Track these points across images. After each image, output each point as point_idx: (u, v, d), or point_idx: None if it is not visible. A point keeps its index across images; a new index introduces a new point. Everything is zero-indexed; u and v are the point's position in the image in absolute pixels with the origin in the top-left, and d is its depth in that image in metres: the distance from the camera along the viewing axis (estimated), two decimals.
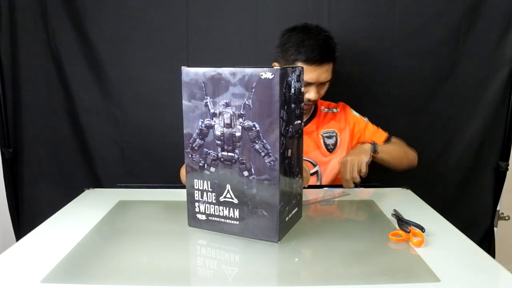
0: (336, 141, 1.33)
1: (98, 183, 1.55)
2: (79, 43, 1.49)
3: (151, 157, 1.56)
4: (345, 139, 1.33)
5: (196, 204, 0.85)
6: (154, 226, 0.93)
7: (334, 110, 1.37)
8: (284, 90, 0.75)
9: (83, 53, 1.49)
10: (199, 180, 0.84)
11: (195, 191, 0.85)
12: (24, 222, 1.60)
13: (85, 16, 1.47)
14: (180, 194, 1.07)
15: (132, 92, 1.52)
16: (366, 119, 1.36)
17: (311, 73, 1.19)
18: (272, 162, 0.76)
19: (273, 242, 0.79)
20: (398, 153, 1.29)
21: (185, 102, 0.82)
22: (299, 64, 1.19)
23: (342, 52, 1.22)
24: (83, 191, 1.14)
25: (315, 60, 1.18)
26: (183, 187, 0.87)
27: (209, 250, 0.81)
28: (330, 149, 1.32)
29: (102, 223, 0.92)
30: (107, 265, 0.74)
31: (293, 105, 0.80)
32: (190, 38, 1.47)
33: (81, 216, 0.95)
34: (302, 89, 0.84)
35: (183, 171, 1.25)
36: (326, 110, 1.37)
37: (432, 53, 1.47)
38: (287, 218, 0.82)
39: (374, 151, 1.21)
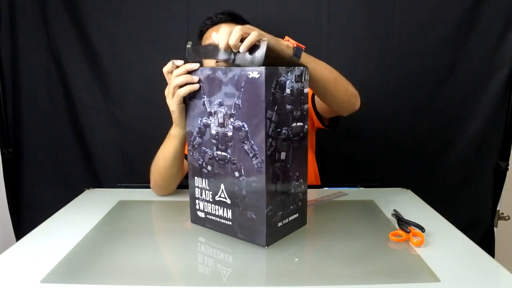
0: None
1: (98, 183, 1.55)
2: (79, 43, 1.48)
3: (151, 157, 1.56)
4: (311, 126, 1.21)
5: (197, 201, 0.86)
6: (154, 226, 0.93)
7: None
8: (273, 90, 0.72)
9: (83, 53, 1.49)
10: (199, 178, 0.85)
11: (196, 189, 0.86)
12: (24, 222, 1.60)
13: (85, 16, 1.47)
14: (180, 194, 1.08)
15: (132, 92, 1.52)
16: None
17: (207, 34, 1.17)
18: (259, 164, 0.74)
19: (260, 247, 0.77)
20: (333, 72, 0.94)
21: (186, 101, 0.83)
22: (204, 37, 1.18)
23: (341, 52, 1.20)
24: (83, 191, 1.14)
25: (209, 21, 1.17)
26: (183, 187, 0.88)
27: (208, 249, 0.81)
28: None
29: (102, 223, 0.92)
30: (107, 265, 0.74)
31: (288, 107, 0.76)
32: (190, 38, 1.47)
33: (81, 216, 0.95)
34: (306, 89, 0.80)
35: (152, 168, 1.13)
36: None
37: (432, 53, 1.47)
38: (279, 224, 0.79)
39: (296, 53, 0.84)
